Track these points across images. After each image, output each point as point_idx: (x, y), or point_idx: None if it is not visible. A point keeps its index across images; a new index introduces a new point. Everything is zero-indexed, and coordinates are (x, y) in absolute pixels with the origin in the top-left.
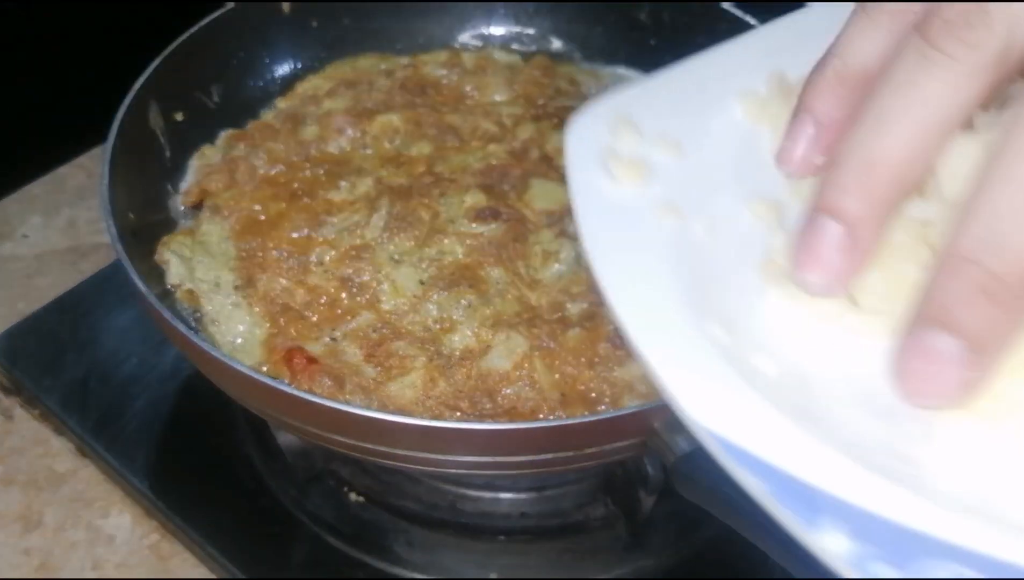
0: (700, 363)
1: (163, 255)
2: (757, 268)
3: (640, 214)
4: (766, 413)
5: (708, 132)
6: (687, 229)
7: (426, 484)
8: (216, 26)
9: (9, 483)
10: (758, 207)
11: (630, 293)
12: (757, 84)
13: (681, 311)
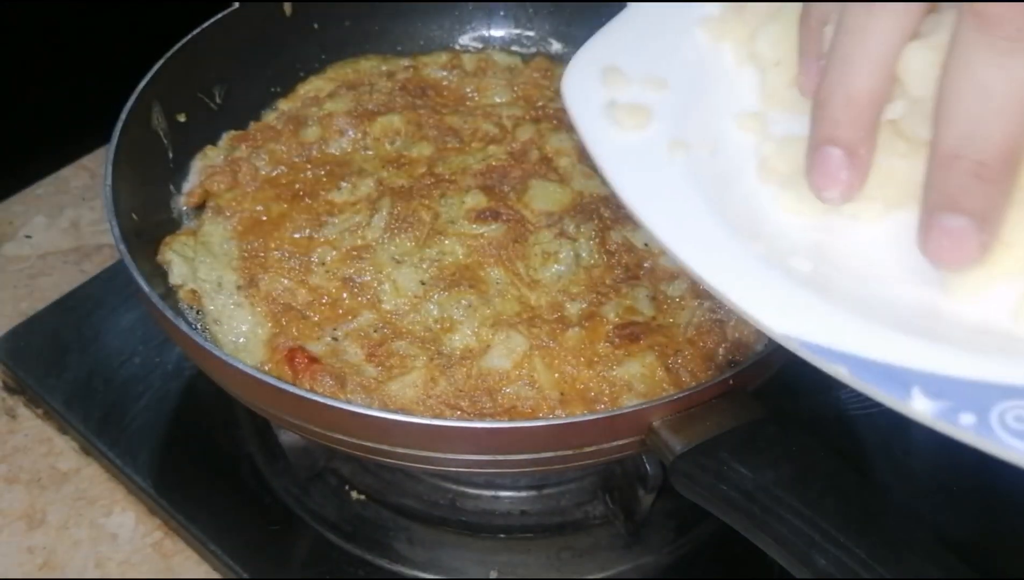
0: (757, 277)
1: (166, 255)
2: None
3: (654, 154)
4: (823, 307)
5: (683, 63)
6: (695, 157)
7: (426, 482)
8: (218, 28)
9: (13, 482)
10: (744, 121)
11: (679, 231)
12: (711, 9)
13: (723, 236)
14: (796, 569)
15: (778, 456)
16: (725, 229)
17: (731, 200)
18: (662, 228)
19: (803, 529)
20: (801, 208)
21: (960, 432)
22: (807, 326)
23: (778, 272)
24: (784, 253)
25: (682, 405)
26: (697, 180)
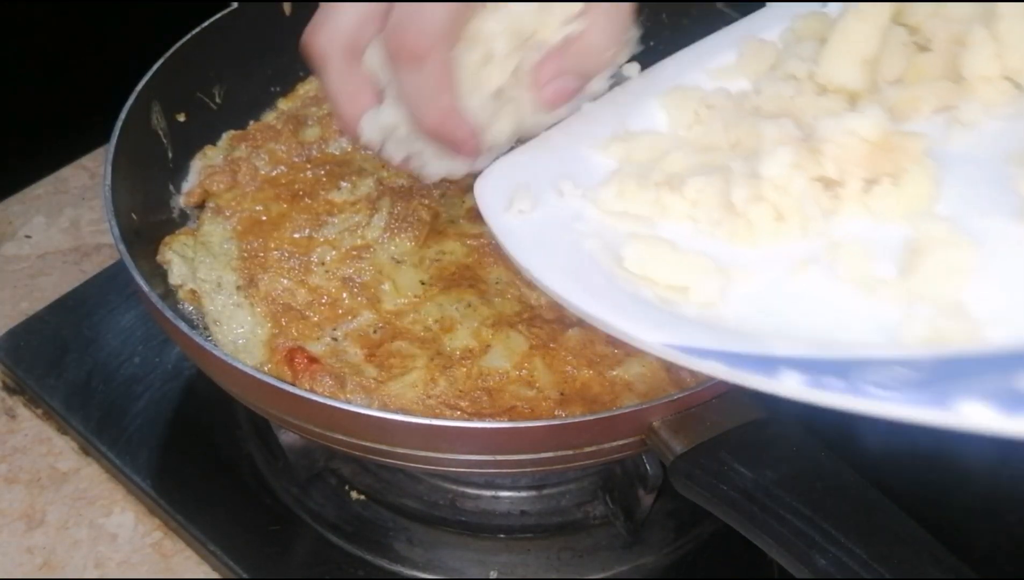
0: (626, 303)
1: (165, 255)
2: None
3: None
4: (680, 316)
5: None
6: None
7: (426, 482)
8: (218, 28)
9: (12, 482)
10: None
11: (555, 274)
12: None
13: (586, 272)
14: (796, 569)
15: (778, 456)
16: (594, 272)
17: (592, 253)
18: (545, 277)
19: (803, 529)
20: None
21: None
22: (677, 334)
23: (643, 298)
24: (634, 281)
25: (682, 405)
26: (574, 244)
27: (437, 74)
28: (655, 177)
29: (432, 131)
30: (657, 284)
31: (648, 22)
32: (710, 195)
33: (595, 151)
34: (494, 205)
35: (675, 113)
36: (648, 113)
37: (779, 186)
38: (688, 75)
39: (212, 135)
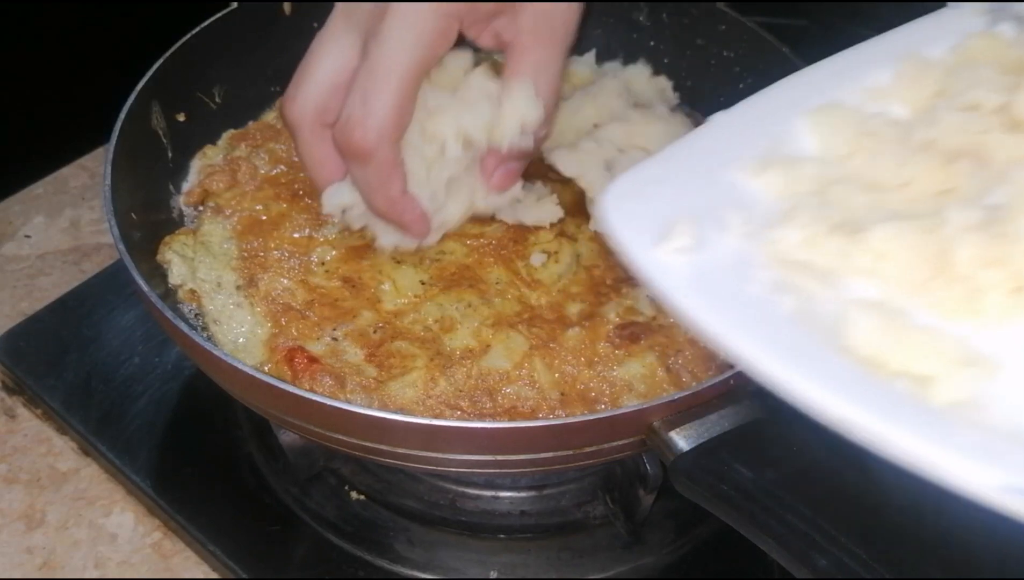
0: (877, 396)
1: (165, 255)
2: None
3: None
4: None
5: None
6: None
7: (426, 483)
8: (218, 27)
9: (12, 482)
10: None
11: (762, 346)
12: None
13: (803, 347)
14: (796, 569)
15: (778, 456)
16: (784, 331)
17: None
18: (733, 338)
19: (803, 529)
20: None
21: None
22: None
23: (874, 382)
24: (853, 357)
25: (682, 405)
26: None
27: (383, 169)
28: (833, 218)
29: (381, 215)
30: (887, 368)
31: (648, 22)
32: (902, 248)
33: (745, 176)
34: (637, 236)
35: (828, 137)
36: (795, 133)
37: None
38: (837, 91)
39: (212, 135)
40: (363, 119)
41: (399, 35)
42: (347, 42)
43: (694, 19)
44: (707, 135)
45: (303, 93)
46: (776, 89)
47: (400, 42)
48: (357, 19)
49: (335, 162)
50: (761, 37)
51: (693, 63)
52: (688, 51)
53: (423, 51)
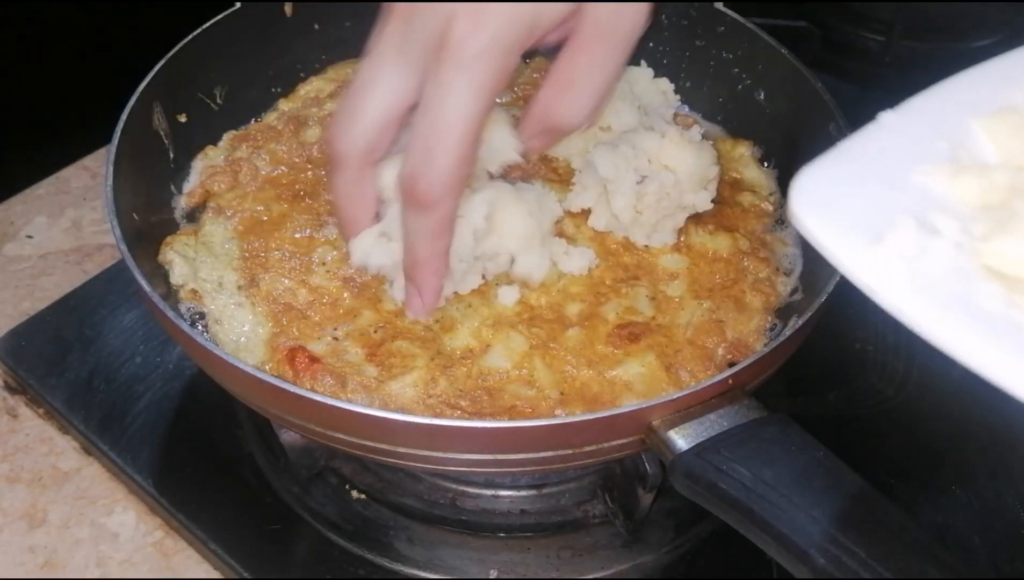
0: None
1: (166, 255)
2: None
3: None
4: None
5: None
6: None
7: (427, 482)
8: (219, 29)
9: (14, 481)
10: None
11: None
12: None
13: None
14: (795, 568)
15: (777, 456)
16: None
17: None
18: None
19: (802, 529)
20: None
21: None
22: None
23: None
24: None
25: (681, 405)
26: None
27: (443, 221)
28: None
29: (415, 266)
30: None
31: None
32: None
33: (937, 179)
34: (849, 238)
35: (1007, 144)
36: (972, 137)
37: None
38: (1009, 93)
39: (213, 135)
40: (428, 172)
41: (462, 83)
42: (400, 76)
43: (693, 20)
44: (881, 135)
45: (354, 129)
46: (943, 90)
47: (464, 91)
48: (412, 55)
49: (369, 202)
50: (760, 38)
51: (692, 64)
52: (687, 52)
53: (486, 99)
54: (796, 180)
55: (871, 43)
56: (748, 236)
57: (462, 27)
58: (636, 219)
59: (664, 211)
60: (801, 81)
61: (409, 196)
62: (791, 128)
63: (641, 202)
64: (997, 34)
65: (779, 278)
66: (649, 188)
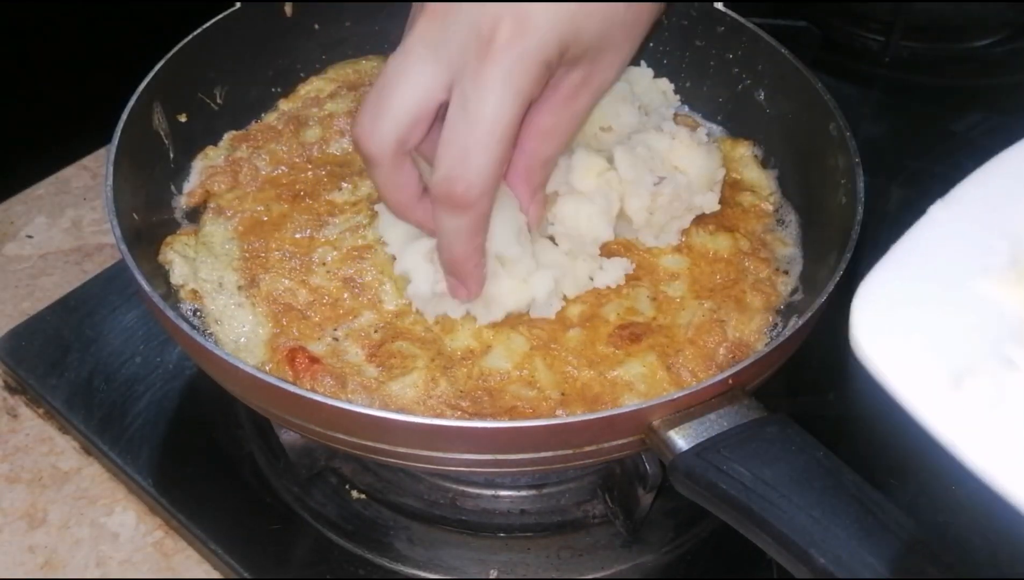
0: None
1: (167, 255)
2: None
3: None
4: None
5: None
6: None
7: (427, 482)
8: (219, 28)
9: (14, 481)
10: None
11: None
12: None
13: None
14: (795, 568)
15: (777, 456)
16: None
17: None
18: None
19: (802, 528)
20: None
21: None
22: None
23: None
24: None
25: (681, 405)
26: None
27: (479, 220)
28: None
29: (454, 263)
30: None
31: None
32: None
33: (997, 286)
34: (917, 380)
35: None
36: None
37: None
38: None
39: (213, 136)
40: (465, 174)
41: (500, 85)
42: (431, 73)
43: (693, 20)
44: (934, 236)
45: (383, 126)
46: (992, 174)
47: (501, 93)
48: (447, 53)
49: (413, 185)
50: (760, 38)
51: (692, 64)
52: (687, 52)
53: (523, 102)
54: (856, 303)
55: (871, 43)
56: (748, 236)
57: (508, 29)
58: (648, 220)
59: (674, 212)
60: (801, 81)
61: (446, 198)
62: (791, 128)
63: (654, 203)
64: (997, 34)
65: (779, 278)
66: (665, 189)
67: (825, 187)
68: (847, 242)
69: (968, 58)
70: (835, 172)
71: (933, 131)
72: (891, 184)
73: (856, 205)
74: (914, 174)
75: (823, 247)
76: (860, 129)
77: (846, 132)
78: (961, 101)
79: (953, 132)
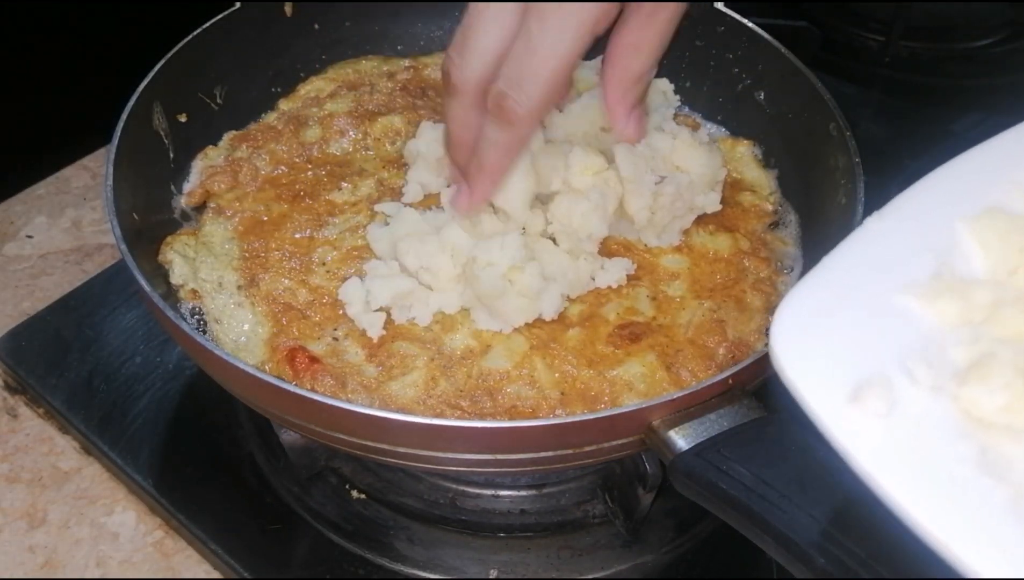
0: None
1: (167, 255)
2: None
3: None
4: None
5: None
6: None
7: (427, 481)
8: (219, 28)
9: (14, 481)
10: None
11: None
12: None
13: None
14: (795, 568)
15: (777, 455)
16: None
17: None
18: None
19: (803, 529)
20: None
21: None
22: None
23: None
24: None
25: (681, 404)
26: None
27: (518, 139)
28: (1021, 362)
29: (477, 170)
30: None
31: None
32: None
33: (917, 303)
34: (820, 390)
35: (994, 248)
36: (958, 241)
37: None
38: (993, 190)
39: (213, 136)
40: (517, 94)
41: (565, 22)
42: (509, 9)
43: (693, 20)
44: (865, 248)
45: (469, 63)
46: (928, 189)
47: (565, 29)
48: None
49: (477, 128)
50: (760, 38)
51: (692, 64)
52: (687, 52)
53: (583, 37)
54: (778, 314)
55: (871, 43)
56: (748, 236)
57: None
58: (650, 220)
59: (676, 212)
60: (801, 81)
61: (495, 109)
62: (791, 128)
63: (656, 202)
64: (997, 34)
65: (780, 277)
66: (667, 189)
67: (825, 187)
68: None
69: (968, 58)
70: (835, 172)
71: (933, 131)
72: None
73: (856, 205)
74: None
75: (823, 247)
76: (860, 129)
77: (846, 132)
78: (961, 101)
79: (953, 132)
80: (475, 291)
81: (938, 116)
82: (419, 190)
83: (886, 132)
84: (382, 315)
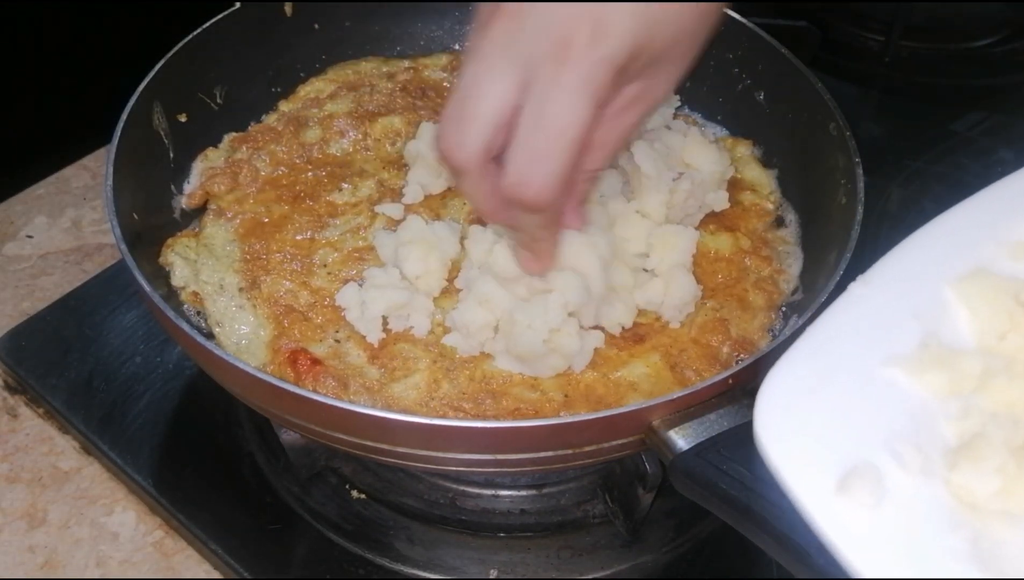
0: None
1: (167, 257)
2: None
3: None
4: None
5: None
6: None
7: (427, 481)
8: (219, 29)
9: (14, 481)
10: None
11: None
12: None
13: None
14: (795, 568)
15: None
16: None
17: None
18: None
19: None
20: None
21: None
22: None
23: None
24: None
25: (682, 404)
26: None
27: (552, 218)
28: (1015, 441)
29: (531, 242)
30: None
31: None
32: None
33: (905, 376)
34: (806, 478)
35: (982, 313)
36: (945, 307)
37: None
38: (981, 250)
39: (213, 136)
40: (535, 179)
41: (575, 91)
42: (509, 78)
43: None
44: (850, 317)
45: (470, 138)
46: (913, 250)
47: (580, 96)
48: (520, 56)
49: (501, 192)
50: (760, 38)
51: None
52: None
53: (596, 107)
54: (762, 391)
55: (871, 43)
56: (749, 235)
57: (586, 33)
58: (666, 217)
59: (689, 209)
60: (801, 81)
61: (518, 202)
62: (791, 128)
63: (672, 199)
64: (997, 34)
65: (781, 276)
66: (682, 185)
67: (825, 187)
68: (847, 242)
69: (968, 58)
70: (835, 172)
71: (933, 131)
72: (891, 184)
73: (856, 205)
74: (914, 174)
75: (823, 246)
76: (860, 129)
77: (846, 132)
78: (961, 101)
79: (953, 132)
80: (512, 351)
81: (938, 116)
82: (419, 191)
83: (886, 132)
84: (380, 320)
